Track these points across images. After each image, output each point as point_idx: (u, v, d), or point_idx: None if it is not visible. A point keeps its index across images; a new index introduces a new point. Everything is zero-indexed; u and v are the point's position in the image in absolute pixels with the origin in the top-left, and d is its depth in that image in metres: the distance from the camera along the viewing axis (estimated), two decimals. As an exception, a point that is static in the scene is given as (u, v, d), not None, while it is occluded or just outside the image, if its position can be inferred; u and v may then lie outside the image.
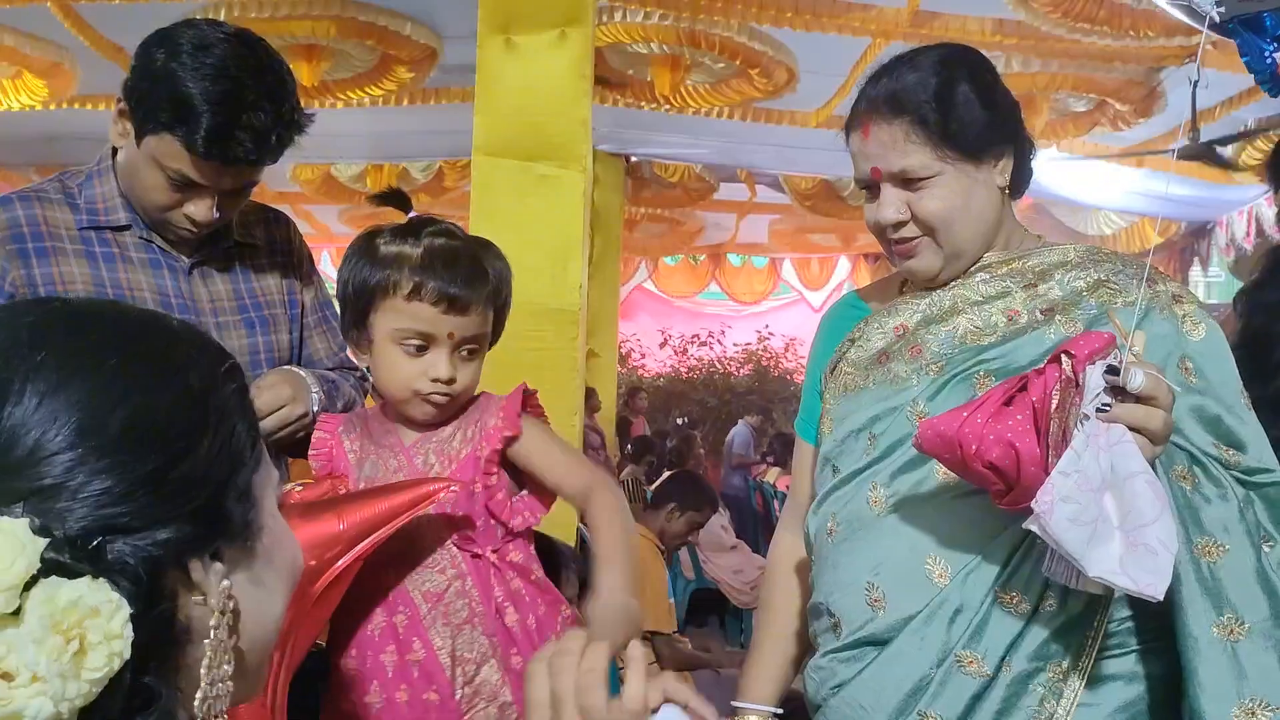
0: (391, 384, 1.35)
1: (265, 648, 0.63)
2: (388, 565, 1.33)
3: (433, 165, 6.40)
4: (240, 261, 1.51)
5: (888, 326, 1.25)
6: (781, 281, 10.98)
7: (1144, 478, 0.94)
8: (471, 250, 1.36)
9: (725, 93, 4.74)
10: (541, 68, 2.40)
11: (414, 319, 1.31)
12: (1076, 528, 0.93)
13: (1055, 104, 4.74)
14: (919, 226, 1.20)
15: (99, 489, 0.52)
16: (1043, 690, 1.07)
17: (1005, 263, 1.22)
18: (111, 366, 0.56)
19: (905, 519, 1.14)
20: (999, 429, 0.98)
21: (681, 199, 7.08)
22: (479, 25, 2.46)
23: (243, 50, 1.31)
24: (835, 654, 1.17)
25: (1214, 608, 1.01)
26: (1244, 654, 1.00)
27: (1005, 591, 1.08)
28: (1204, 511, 1.03)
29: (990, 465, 0.98)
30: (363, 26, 4.07)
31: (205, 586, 0.56)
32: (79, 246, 1.39)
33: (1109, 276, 1.17)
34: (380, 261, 1.33)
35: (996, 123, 1.19)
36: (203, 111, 1.26)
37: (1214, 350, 1.14)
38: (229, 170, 1.33)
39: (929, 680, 1.09)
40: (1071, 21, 3.63)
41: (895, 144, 1.18)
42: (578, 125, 2.42)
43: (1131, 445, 0.95)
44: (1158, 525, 0.93)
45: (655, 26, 4.11)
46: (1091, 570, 0.94)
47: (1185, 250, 6.98)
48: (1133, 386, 0.94)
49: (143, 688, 0.52)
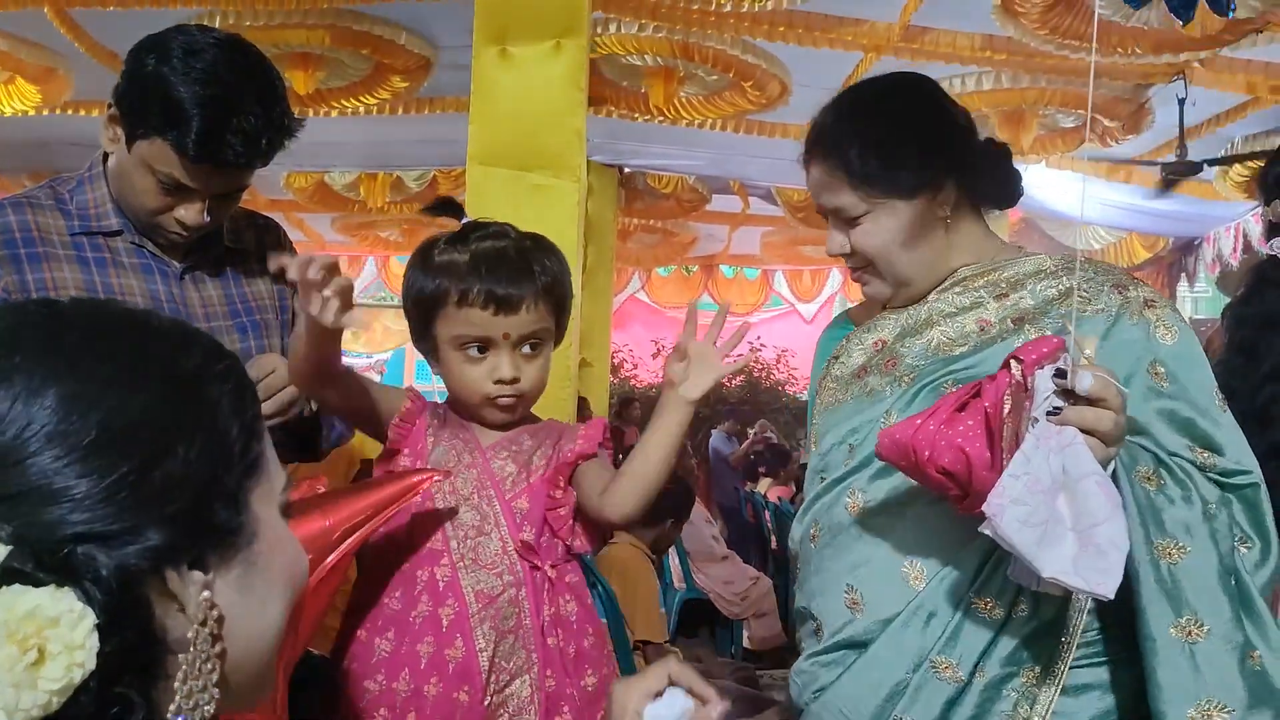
0: (461, 391, 1.38)
1: (260, 657, 0.61)
2: (443, 556, 1.34)
3: (426, 174, 6.40)
4: (231, 266, 1.52)
5: (866, 342, 1.29)
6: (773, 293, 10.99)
7: (1095, 478, 0.95)
8: (519, 249, 1.38)
9: (719, 105, 4.76)
10: (536, 78, 2.42)
11: (467, 324, 1.34)
12: (1027, 529, 0.94)
13: (1043, 120, 4.77)
14: (859, 260, 1.24)
15: (70, 495, 0.51)
16: (1016, 695, 1.08)
17: (981, 274, 1.24)
18: (86, 370, 0.55)
19: (883, 524, 1.16)
20: (950, 434, 0.99)
21: (674, 210, 7.09)
22: (474, 35, 2.48)
23: (233, 55, 1.33)
24: (817, 657, 1.19)
25: (1172, 609, 1.02)
26: (1202, 656, 1.01)
27: (979, 597, 1.09)
28: (1166, 513, 1.04)
29: (943, 470, 1.00)
30: (357, 36, 4.08)
31: (183, 596, 0.55)
32: (71, 252, 1.40)
33: (1080, 284, 1.18)
34: (434, 271, 1.36)
35: (924, 160, 1.20)
36: (193, 115, 1.27)
37: (1186, 354, 1.14)
38: (219, 173, 1.33)
39: (905, 685, 1.10)
40: (1060, 38, 3.66)
41: (827, 185, 1.23)
42: (572, 135, 2.44)
43: (1083, 447, 0.96)
44: (1108, 525, 0.94)
45: (649, 39, 4.13)
46: (1045, 571, 0.94)
47: (1173, 265, 7.03)
48: (1081, 389, 0.95)
49: (117, 697, 0.51)
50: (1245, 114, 4.62)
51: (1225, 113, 4.69)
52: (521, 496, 1.37)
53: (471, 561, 1.34)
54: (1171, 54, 3.86)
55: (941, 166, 1.21)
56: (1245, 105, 4.59)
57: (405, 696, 1.31)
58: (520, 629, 1.33)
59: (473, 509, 1.36)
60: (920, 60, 4.19)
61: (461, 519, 1.35)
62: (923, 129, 1.22)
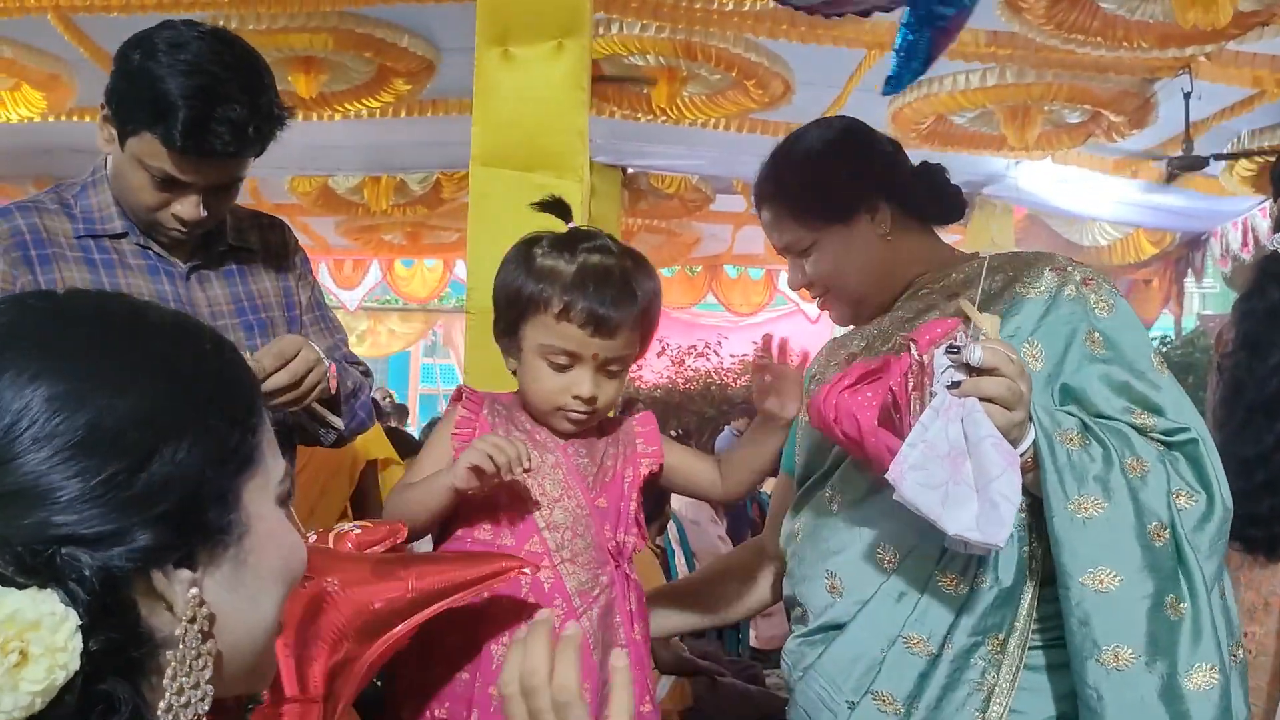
0: (535, 396, 1.37)
1: (255, 648, 0.61)
2: (543, 558, 1.33)
3: (430, 177, 6.41)
4: (237, 265, 1.52)
5: (840, 357, 1.42)
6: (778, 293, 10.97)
7: (990, 440, 1.04)
8: (624, 269, 1.36)
9: (722, 104, 4.76)
10: (539, 79, 2.41)
11: (561, 338, 1.32)
12: (927, 492, 1.03)
13: (1049, 115, 4.75)
14: (817, 288, 1.38)
15: (56, 497, 0.51)
16: (983, 663, 1.16)
17: (936, 280, 1.35)
18: (76, 369, 0.54)
19: (857, 514, 1.26)
20: (850, 404, 1.10)
21: (678, 210, 7.09)
22: (476, 36, 2.48)
23: (217, 46, 1.33)
24: (803, 639, 1.29)
25: (1087, 561, 1.10)
26: (1112, 603, 1.09)
27: (943, 575, 1.18)
28: (1087, 471, 1.11)
29: (845, 434, 1.11)
30: (360, 39, 4.09)
31: (170, 595, 0.54)
32: (79, 254, 1.41)
33: (1021, 273, 1.28)
34: (535, 274, 1.34)
35: (852, 187, 1.34)
36: (178, 107, 1.27)
37: (1121, 323, 1.24)
38: (209, 165, 1.33)
39: (881, 660, 1.19)
40: (1065, 33, 3.65)
41: (774, 225, 1.38)
42: (575, 136, 2.43)
43: (981, 414, 1.04)
44: (1002, 479, 1.02)
45: (652, 39, 4.13)
46: (950, 529, 1.03)
47: (1179, 261, 7.01)
48: (973, 360, 1.05)
49: (103, 695, 0.51)
50: (1252, 108, 4.60)
51: (1231, 107, 4.67)
52: (600, 495, 1.38)
53: (569, 561, 1.34)
54: (1177, 48, 3.84)
55: (870, 189, 1.33)
56: (1251, 99, 4.56)
57: None
58: (614, 624, 1.36)
59: (563, 510, 1.36)
60: (924, 57, 4.18)
61: (555, 520, 1.35)
62: (847, 158, 1.36)
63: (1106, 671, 1.07)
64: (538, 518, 1.35)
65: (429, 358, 14.16)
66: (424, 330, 12.05)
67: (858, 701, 1.19)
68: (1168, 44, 3.79)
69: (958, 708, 1.15)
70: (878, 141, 1.40)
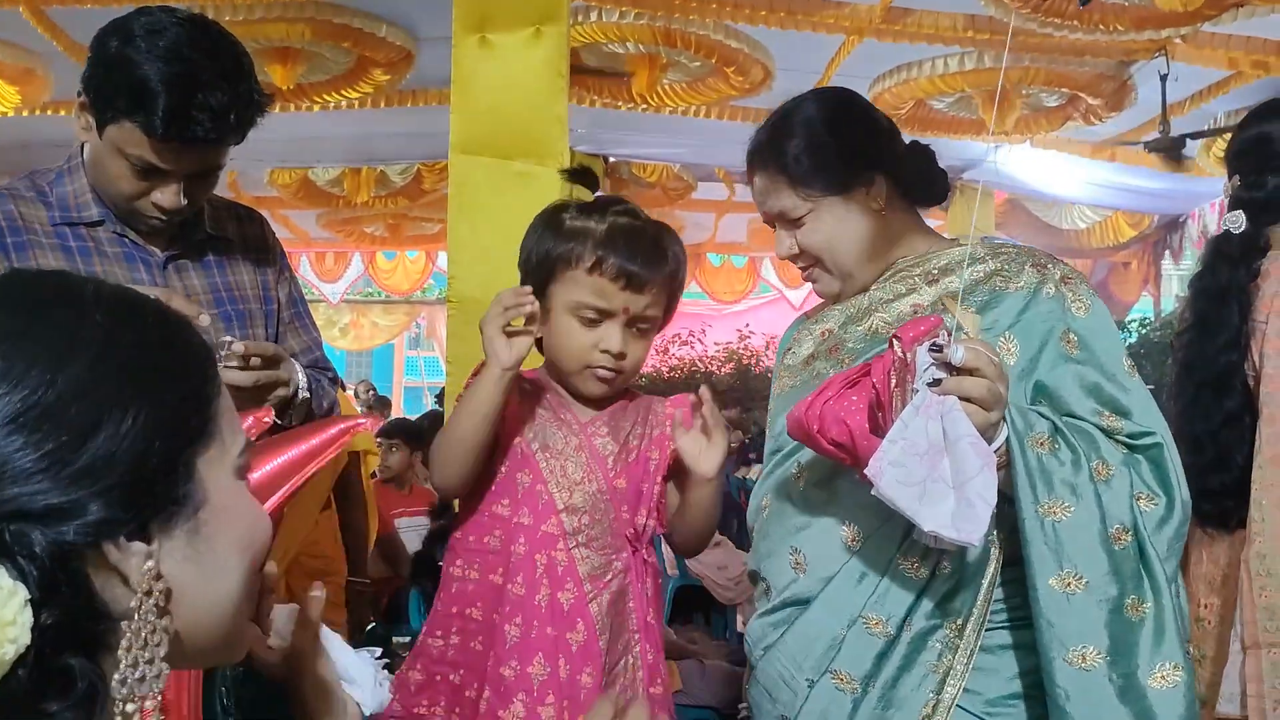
0: (564, 354, 1.39)
1: (220, 621, 0.61)
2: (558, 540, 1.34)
3: (411, 168, 6.38)
4: (215, 255, 1.51)
5: (815, 332, 1.41)
6: (761, 280, 10.99)
7: (968, 439, 1.04)
8: (654, 231, 1.41)
9: (702, 91, 4.75)
10: (517, 65, 2.41)
11: (593, 292, 1.35)
12: (905, 488, 1.04)
13: (1027, 99, 4.77)
14: (807, 258, 1.36)
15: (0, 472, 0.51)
16: (940, 646, 1.18)
17: (917, 264, 1.35)
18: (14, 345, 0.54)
19: (823, 492, 1.26)
20: (837, 409, 1.10)
21: (660, 199, 7.07)
22: (454, 24, 2.47)
23: (195, 32, 1.32)
24: (765, 616, 1.29)
25: (1055, 563, 1.11)
26: (1079, 605, 1.10)
27: (905, 558, 1.19)
28: (1055, 475, 1.13)
29: (834, 442, 1.10)
30: (337, 29, 4.05)
31: (125, 568, 0.54)
32: (54, 241, 1.40)
33: (1003, 265, 1.29)
34: (565, 234, 1.37)
35: (852, 158, 1.33)
36: (158, 94, 1.26)
37: (1096, 325, 1.25)
38: (189, 152, 1.32)
39: (840, 640, 1.20)
40: (1042, 16, 3.67)
41: (768, 192, 1.35)
42: (554, 122, 2.43)
43: (959, 413, 1.05)
44: (978, 479, 1.03)
45: (631, 26, 4.12)
46: (925, 525, 1.04)
47: (1158, 243, 7.06)
48: (955, 360, 1.05)
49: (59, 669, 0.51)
50: (1228, 89, 4.63)
51: (1208, 88, 4.70)
52: (621, 476, 1.39)
53: (584, 545, 1.35)
54: (1153, 30, 3.86)
55: (869, 162, 1.33)
56: (1228, 80, 4.60)
57: (543, 680, 1.32)
58: (626, 609, 1.37)
59: (583, 493, 1.37)
60: (903, 41, 4.19)
61: (575, 503, 1.36)
62: (848, 130, 1.35)
63: (1074, 671, 1.09)
64: (557, 499, 1.36)
65: (413, 350, 14.12)
66: (407, 323, 12.01)
67: (817, 680, 1.21)
68: (1144, 26, 3.81)
69: (913, 688, 1.17)
70: (877, 116, 1.40)
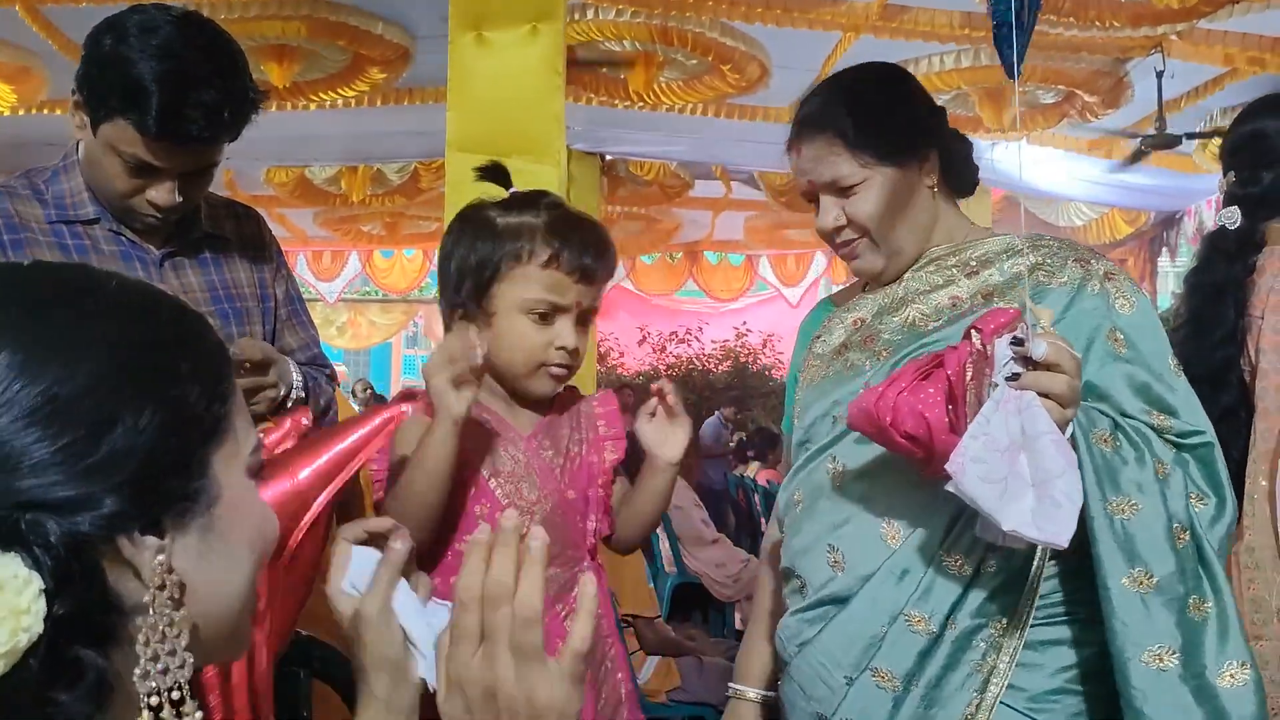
0: (517, 355, 1.32)
1: (228, 617, 0.62)
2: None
3: (408, 166, 6.38)
4: (211, 253, 1.51)
5: (847, 321, 1.36)
6: (758, 278, 11.00)
7: (1050, 437, 1.01)
8: (592, 221, 1.37)
9: (698, 89, 4.76)
10: (514, 63, 2.41)
11: (547, 288, 1.30)
12: (987, 485, 1.01)
13: (1024, 96, 4.78)
14: (855, 229, 1.30)
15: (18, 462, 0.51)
16: (985, 645, 1.15)
17: (953, 253, 1.31)
18: (35, 336, 0.54)
19: (862, 487, 1.23)
20: (913, 401, 1.06)
21: (657, 197, 7.09)
22: (450, 21, 2.47)
23: (189, 30, 1.31)
24: (801, 613, 1.26)
25: (1126, 561, 1.09)
26: (1153, 604, 1.09)
27: (949, 555, 1.16)
28: (1121, 472, 1.11)
29: (907, 435, 1.07)
30: (334, 27, 4.05)
31: (137, 562, 0.55)
32: (51, 240, 1.40)
33: (1044, 259, 1.26)
34: (505, 232, 1.31)
35: (912, 128, 1.29)
36: (151, 92, 1.26)
37: (1143, 323, 1.22)
38: (183, 150, 1.32)
39: (881, 638, 1.17)
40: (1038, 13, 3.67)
41: (822, 158, 1.29)
42: (551, 120, 2.43)
43: (1039, 408, 1.02)
44: (1063, 479, 1.01)
45: (627, 24, 4.12)
46: (1005, 524, 1.01)
47: (1154, 240, 7.07)
48: (1036, 355, 1.02)
49: (70, 661, 0.52)
50: (1224, 86, 4.64)
51: (1203, 85, 4.71)
52: (570, 487, 1.36)
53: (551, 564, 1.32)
54: (1149, 26, 3.87)
55: (926, 137, 1.29)
56: (1223, 77, 4.60)
57: None
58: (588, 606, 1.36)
59: (540, 511, 1.33)
60: (899, 39, 4.19)
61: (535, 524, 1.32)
62: (910, 101, 1.31)
63: (1152, 672, 1.07)
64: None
65: (411, 349, 14.12)
66: (404, 321, 12.02)
67: (856, 677, 1.18)
68: (1140, 23, 3.82)
69: (957, 687, 1.15)
70: (929, 95, 1.36)
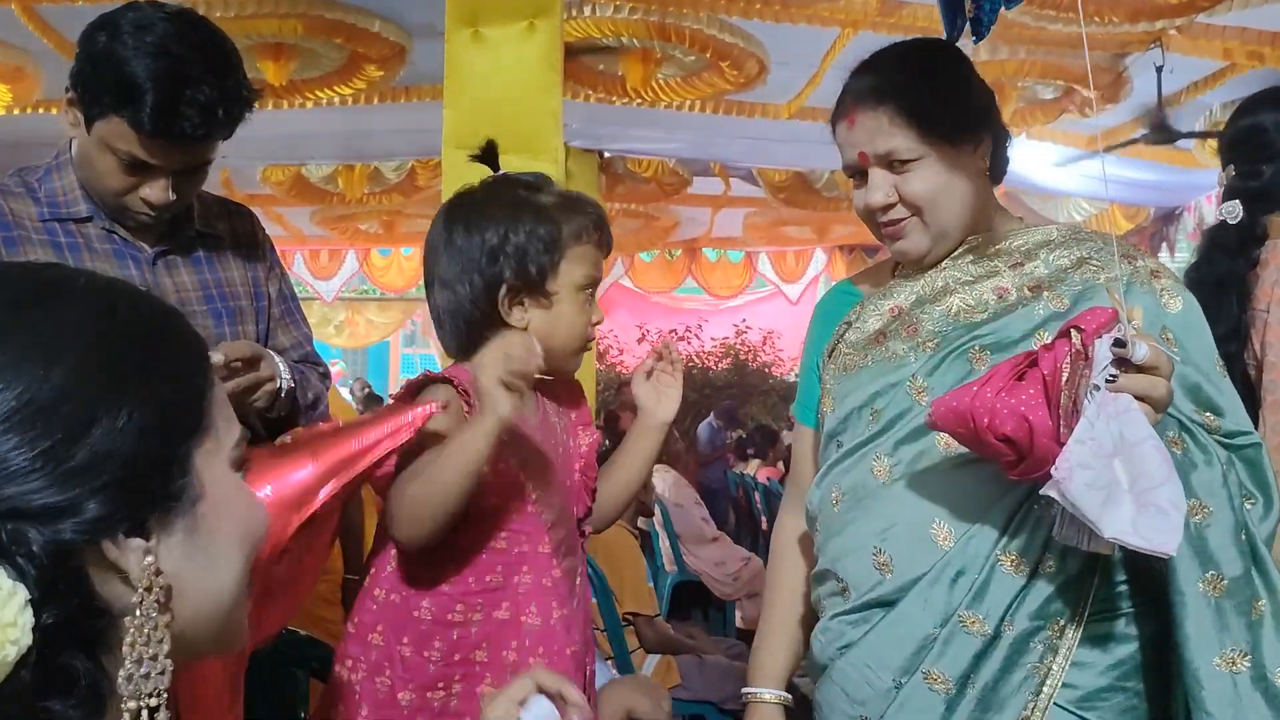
0: (575, 334, 1.32)
1: (218, 617, 0.61)
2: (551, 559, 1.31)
3: (405, 164, 6.37)
4: (204, 252, 1.51)
5: (883, 308, 1.31)
6: (758, 275, 10.99)
7: (1151, 442, 1.00)
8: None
9: (697, 86, 4.74)
10: (510, 59, 2.40)
11: (594, 264, 1.33)
12: (1093, 492, 0.98)
13: (1023, 91, 4.77)
14: (906, 207, 1.25)
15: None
16: (1042, 647, 1.13)
17: (992, 244, 1.28)
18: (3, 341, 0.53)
19: (910, 486, 1.19)
20: (1012, 402, 1.03)
21: (656, 194, 7.07)
22: (447, 18, 2.45)
23: (184, 27, 1.31)
24: (843, 616, 1.22)
25: (1200, 565, 1.08)
26: (1225, 608, 1.08)
27: (1005, 554, 1.13)
28: (1192, 475, 1.09)
29: (1004, 437, 1.03)
30: (330, 24, 4.04)
31: (124, 565, 0.54)
32: (44, 237, 1.39)
33: (1091, 254, 1.24)
34: (557, 211, 1.30)
35: (974, 109, 1.26)
36: (146, 90, 1.26)
37: (1190, 322, 1.20)
38: (177, 147, 1.32)
39: (933, 640, 1.14)
40: (1037, 8, 3.66)
41: (880, 129, 1.23)
42: (548, 116, 2.42)
43: (1138, 413, 1.00)
44: (1167, 486, 0.99)
45: (625, 20, 4.11)
46: (1107, 532, 0.98)
47: (1154, 235, 7.06)
48: (1137, 358, 1.00)
49: (61, 669, 0.51)
50: (1223, 80, 4.63)
51: (1203, 80, 4.70)
52: (566, 475, 1.36)
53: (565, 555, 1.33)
54: (1148, 21, 3.86)
55: (984, 119, 1.27)
56: (1223, 72, 4.59)
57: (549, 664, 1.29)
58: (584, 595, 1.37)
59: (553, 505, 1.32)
60: (898, 34, 4.16)
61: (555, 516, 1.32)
62: (974, 83, 1.28)
63: (1226, 675, 1.06)
64: (545, 518, 1.30)
65: (409, 348, 14.10)
66: (402, 320, 12.00)
67: (905, 680, 1.15)
68: (1139, 18, 3.80)
69: (1013, 690, 1.12)
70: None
